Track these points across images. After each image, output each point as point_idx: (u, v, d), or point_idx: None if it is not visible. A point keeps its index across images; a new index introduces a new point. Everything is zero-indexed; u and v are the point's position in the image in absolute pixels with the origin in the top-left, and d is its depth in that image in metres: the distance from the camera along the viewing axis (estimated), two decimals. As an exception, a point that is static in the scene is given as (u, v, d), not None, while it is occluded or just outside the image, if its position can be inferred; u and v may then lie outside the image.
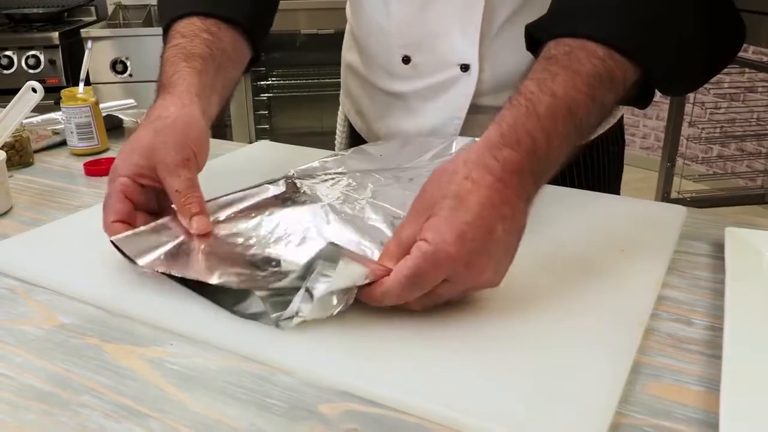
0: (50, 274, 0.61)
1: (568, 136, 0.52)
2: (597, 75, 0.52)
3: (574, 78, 0.52)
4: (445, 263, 0.48)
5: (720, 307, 0.52)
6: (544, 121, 0.51)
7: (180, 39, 0.71)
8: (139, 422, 0.43)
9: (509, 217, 0.50)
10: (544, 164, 0.52)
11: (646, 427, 0.42)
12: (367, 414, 0.43)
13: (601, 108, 0.53)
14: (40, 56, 2.62)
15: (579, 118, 0.52)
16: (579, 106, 0.51)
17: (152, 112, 0.64)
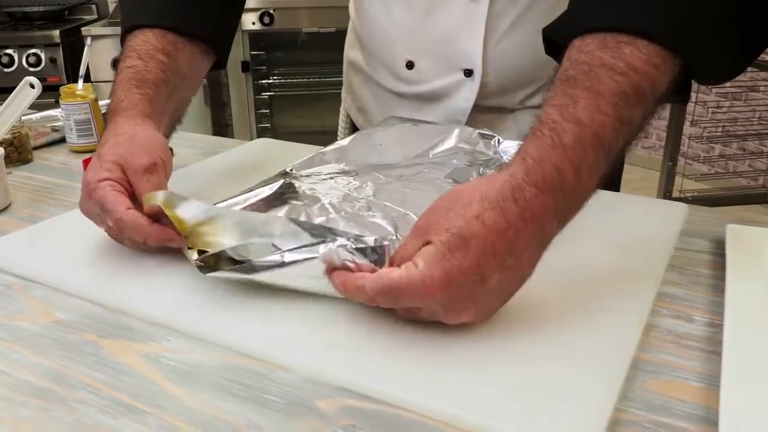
0: (47, 271, 0.60)
1: (598, 163, 0.48)
2: (621, 93, 0.47)
3: (597, 100, 0.47)
4: (424, 298, 0.46)
5: (720, 303, 0.52)
6: (570, 152, 0.47)
7: (135, 60, 0.69)
8: (135, 418, 0.43)
9: (510, 267, 0.47)
10: (571, 199, 0.48)
11: (645, 423, 0.42)
12: (365, 410, 0.43)
13: (630, 127, 0.48)
14: (40, 54, 2.63)
15: (607, 142, 0.47)
16: (606, 129, 0.47)
17: (107, 135, 0.64)
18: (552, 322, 0.51)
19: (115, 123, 0.65)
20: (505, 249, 0.46)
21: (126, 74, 0.68)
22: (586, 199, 0.50)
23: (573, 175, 0.47)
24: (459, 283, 0.45)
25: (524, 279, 0.49)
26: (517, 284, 0.49)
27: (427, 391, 0.44)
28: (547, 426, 0.40)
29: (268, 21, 2.75)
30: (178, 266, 0.60)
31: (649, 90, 0.48)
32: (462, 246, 0.45)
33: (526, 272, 0.48)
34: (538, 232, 0.47)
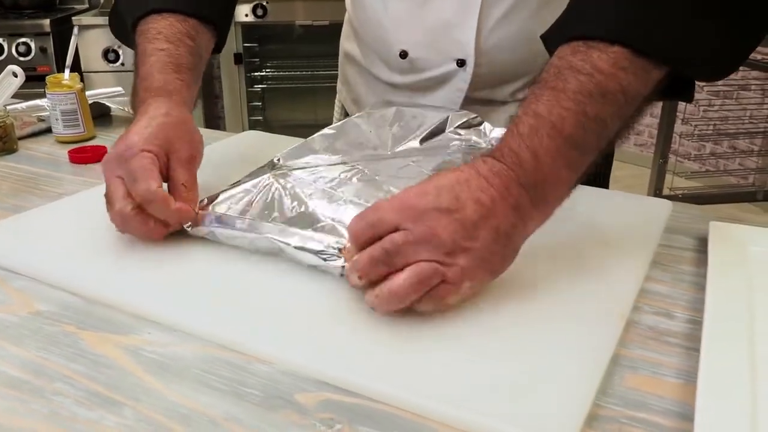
0: (29, 262, 0.60)
1: (559, 151, 0.51)
2: (585, 91, 0.51)
3: (558, 96, 0.51)
4: (401, 208, 0.49)
5: (702, 300, 0.52)
6: (526, 138, 0.51)
7: (165, 44, 0.70)
8: (112, 410, 0.43)
9: (484, 203, 0.49)
10: (533, 177, 0.51)
11: (622, 419, 0.42)
12: (343, 403, 0.43)
13: (599, 124, 0.51)
14: (30, 44, 2.61)
15: (568, 133, 0.51)
16: (566, 122, 0.50)
17: (154, 108, 0.64)
18: (533, 317, 0.51)
19: (160, 103, 0.65)
20: (477, 185, 0.50)
21: (160, 57, 0.69)
22: (556, 184, 0.52)
23: (530, 157, 0.50)
24: (433, 194, 0.49)
25: (500, 231, 0.50)
26: (492, 229, 0.49)
27: (405, 384, 0.44)
28: (525, 420, 0.40)
29: (262, 13, 2.73)
30: (160, 259, 0.60)
31: (617, 90, 0.51)
32: (426, 185, 0.50)
33: (499, 220, 0.50)
34: (506, 188, 0.50)
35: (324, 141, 0.75)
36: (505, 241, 0.50)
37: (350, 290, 0.54)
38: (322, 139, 0.75)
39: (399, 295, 0.48)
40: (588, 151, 0.52)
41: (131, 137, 0.61)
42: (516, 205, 0.50)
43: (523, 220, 0.51)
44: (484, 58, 0.83)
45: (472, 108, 0.87)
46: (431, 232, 0.48)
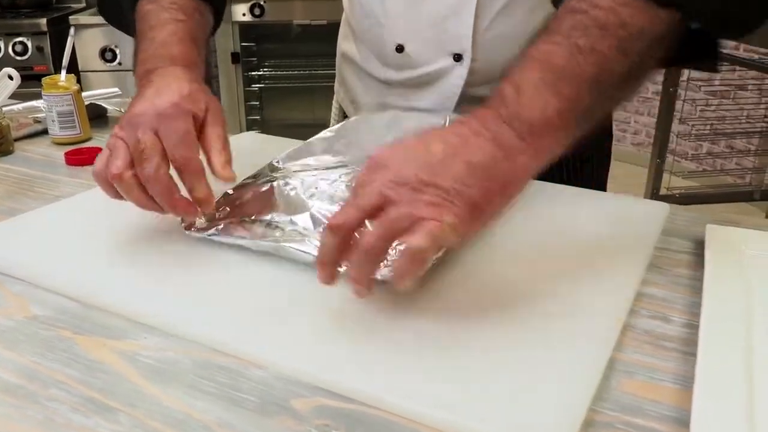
0: (25, 265, 0.60)
1: (545, 81, 0.50)
2: (580, 26, 0.50)
3: (550, 35, 0.51)
4: (374, 163, 0.49)
5: (699, 304, 0.52)
6: (512, 77, 0.51)
7: (182, 15, 0.70)
8: (108, 416, 0.42)
9: (451, 142, 0.49)
10: (515, 108, 0.50)
11: (618, 425, 0.42)
12: (339, 409, 0.43)
13: (597, 55, 0.50)
14: (27, 43, 2.60)
15: (556, 64, 0.50)
16: (553, 55, 0.50)
17: (182, 73, 0.63)
18: (530, 321, 0.51)
19: (184, 72, 0.64)
20: (450, 130, 0.50)
21: (179, 26, 0.68)
22: (551, 115, 0.50)
23: (512, 90, 0.50)
24: (403, 145, 0.50)
25: (475, 161, 0.48)
26: (465, 163, 0.48)
27: (402, 391, 0.43)
28: (522, 426, 0.40)
29: (259, 12, 2.73)
30: (156, 263, 0.60)
31: (617, 23, 0.50)
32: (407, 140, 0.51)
33: (472, 151, 0.49)
34: (483, 125, 0.50)
35: (323, 143, 0.75)
36: (482, 173, 0.48)
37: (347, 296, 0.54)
38: (321, 141, 0.75)
39: (371, 252, 0.47)
40: (587, 83, 0.50)
41: (172, 96, 0.59)
42: (494, 138, 0.49)
43: (507, 151, 0.49)
44: (481, 52, 0.83)
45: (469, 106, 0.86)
46: (393, 173, 0.48)
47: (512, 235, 0.65)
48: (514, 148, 0.49)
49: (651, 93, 3.39)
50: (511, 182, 0.50)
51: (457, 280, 0.57)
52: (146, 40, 0.68)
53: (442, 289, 0.55)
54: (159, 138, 0.57)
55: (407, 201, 0.47)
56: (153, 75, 0.64)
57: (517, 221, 0.67)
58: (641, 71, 0.52)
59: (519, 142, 0.49)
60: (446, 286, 0.56)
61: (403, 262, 0.46)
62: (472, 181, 0.48)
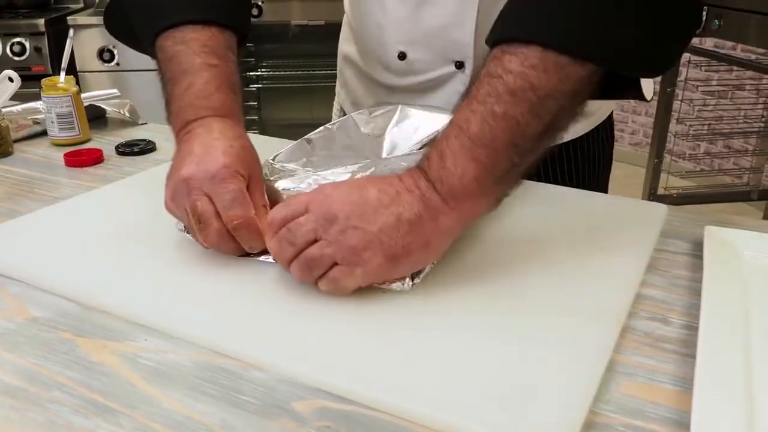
0: (24, 267, 0.60)
1: (463, 148, 0.53)
2: (494, 93, 0.53)
3: (469, 102, 0.54)
4: (313, 195, 0.54)
5: (698, 306, 0.52)
6: (437, 143, 0.55)
7: (215, 59, 0.67)
8: (108, 418, 0.42)
9: (388, 192, 0.53)
10: (439, 173, 0.53)
11: (618, 427, 0.42)
12: (340, 411, 0.43)
13: (508, 120, 0.52)
14: (25, 43, 2.59)
15: (472, 132, 0.53)
16: (470, 122, 0.53)
17: (226, 128, 0.63)
18: (529, 323, 0.51)
19: (227, 124, 0.64)
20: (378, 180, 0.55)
21: (214, 73, 0.66)
22: (469, 181, 0.53)
23: (437, 156, 0.54)
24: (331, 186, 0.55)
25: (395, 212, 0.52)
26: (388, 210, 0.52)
27: (402, 392, 0.44)
28: (522, 427, 0.40)
29: (257, 13, 2.73)
30: (157, 266, 0.60)
31: (527, 87, 0.52)
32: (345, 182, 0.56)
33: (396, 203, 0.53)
34: (413, 183, 0.54)
35: (321, 141, 0.75)
36: (408, 228, 0.52)
37: (348, 298, 0.54)
38: (319, 139, 0.75)
39: (298, 277, 0.54)
40: (502, 149, 0.53)
41: (220, 157, 0.59)
42: (422, 197, 0.53)
43: (431, 212, 0.53)
44: (483, 60, 0.83)
45: None
46: (328, 209, 0.52)
47: (511, 237, 0.65)
48: (438, 209, 0.53)
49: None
50: (431, 240, 0.54)
51: (456, 281, 0.57)
52: (179, 87, 0.66)
53: (442, 291, 0.55)
54: (212, 201, 0.58)
55: (333, 240, 0.52)
56: (194, 127, 0.63)
57: (516, 223, 0.67)
58: (557, 126, 0.54)
59: (443, 205, 0.53)
60: (446, 288, 0.56)
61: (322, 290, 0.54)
62: (396, 234, 0.52)
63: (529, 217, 0.69)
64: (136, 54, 0.80)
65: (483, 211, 0.56)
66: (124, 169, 0.88)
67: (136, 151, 0.94)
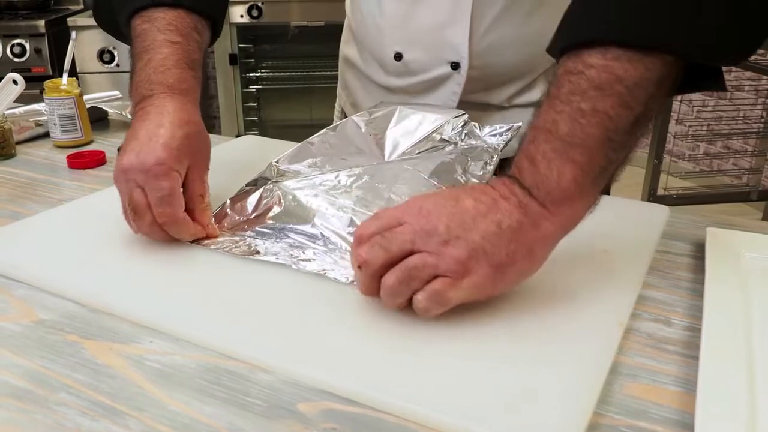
0: (30, 269, 0.60)
1: (556, 151, 0.51)
2: (577, 90, 0.51)
3: (552, 102, 0.52)
4: (407, 206, 0.52)
5: (700, 307, 0.53)
6: (524, 149, 0.53)
7: (178, 36, 0.69)
8: (116, 420, 0.43)
9: (485, 201, 0.51)
10: (533, 179, 0.52)
11: (623, 428, 0.42)
12: (346, 413, 0.43)
13: (598, 115, 0.50)
14: (25, 45, 2.60)
15: (563, 133, 0.51)
16: (558, 124, 0.51)
17: (175, 110, 0.64)
18: (532, 326, 0.51)
19: (178, 103, 0.65)
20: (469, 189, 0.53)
21: (174, 50, 0.68)
22: (566, 183, 0.51)
23: (527, 162, 0.52)
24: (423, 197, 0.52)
25: (491, 218, 0.50)
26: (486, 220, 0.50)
27: (407, 394, 0.44)
28: (527, 430, 0.41)
29: (257, 14, 2.73)
30: (162, 267, 0.60)
31: (613, 80, 0.50)
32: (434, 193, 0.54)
33: (490, 211, 0.51)
34: (498, 191, 0.52)
35: (322, 145, 0.75)
36: (510, 235, 0.50)
37: (353, 300, 0.54)
38: (321, 143, 0.75)
39: (391, 288, 0.50)
40: (596, 146, 0.51)
41: (159, 151, 0.61)
42: (520, 204, 0.51)
43: (532, 218, 0.51)
44: (478, 60, 0.84)
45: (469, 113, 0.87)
46: (427, 221, 0.50)
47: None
48: (538, 215, 0.51)
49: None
50: (535, 248, 0.52)
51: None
52: (141, 62, 0.68)
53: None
54: (146, 194, 0.61)
55: (434, 251, 0.49)
56: (147, 105, 0.65)
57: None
58: (648, 115, 0.52)
59: (542, 210, 0.51)
60: (450, 289, 0.56)
61: (416, 309, 0.51)
62: (499, 242, 0.50)
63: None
64: None
65: (583, 215, 0.54)
66: (126, 171, 0.88)
67: (139, 153, 0.94)
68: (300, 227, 0.64)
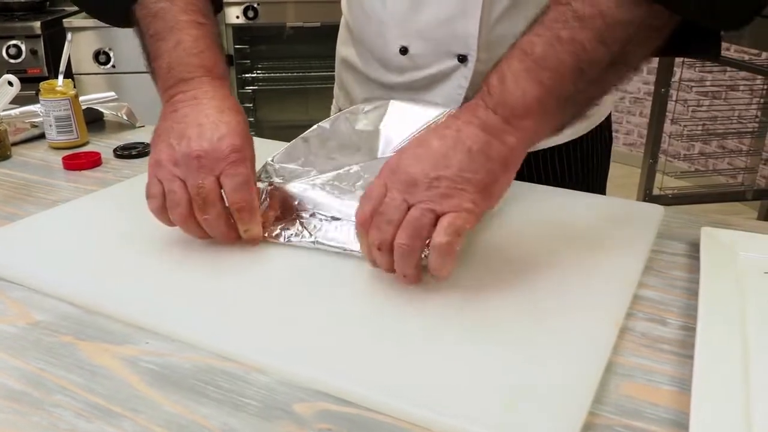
0: (25, 271, 0.60)
1: (528, 70, 0.53)
2: (560, 18, 0.53)
3: (534, 27, 0.55)
4: (382, 171, 0.55)
5: (695, 307, 0.53)
6: (498, 68, 0.55)
7: (201, 17, 0.68)
8: (111, 422, 0.43)
9: (448, 135, 0.54)
10: (499, 96, 0.54)
11: (618, 428, 0.42)
12: (341, 414, 0.44)
13: (574, 43, 0.53)
14: (21, 46, 2.59)
15: (537, 55, 0.53)
16: (535, 45, 0.53)
17: (224, 97, 0.64)
18: (527, 325, 0.51)
19: (224, 90, 0.65)
20: (443, 126, 0.56)
21: (203, 32, 0.67)
22: (531, 101, 0.53)
23: (497, 80, 0.55)
24: (404, 149, 0.56)
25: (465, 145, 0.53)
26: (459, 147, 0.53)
27: (402, 394, 0.44)
28: (522, 429, 0.41)
29: (252, 15, 2.73)
30: (158, 268, 0.60)
31: (595, 14, 0.52)
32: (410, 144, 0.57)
33: (462, 138, 0.54)
34: (473, 114, 0.55)
35: (316, 140, 0.75)
36: (482, 159, 0.53)
37: (348, 300, 0.54)
38: (315, 137, 0.75)
39: (406, 247, 0.53)
40: (566, 72, 0.53)
41: (233, 137, 0.60)
42: (483, 125, 0.54)
43: (496, 134, 0.54)
44: (486, 53, 0.82)
45: None
46: (405, 176, 0.53)
47: (507, 239, 0.65)
48: (501, 130, 0.54)
49: (643, 93, 3.41)
50: (507, 160, 0.54)
51: (455, 284, 0.57)
52: (166, 43, 0.65)
53: (442, 294, 0.56)
54: (219, 182, 0.60)
55: (425, 198, 0.53)
56: (190, 89, 0.64)
57: (512, 225, 0.68)
58: (625, 60, 0.54)
59: (504, 125, 0.54)
60: (445, 290, 0.56)
61: (435, 258, 0.53)
62: (475, 166, 0.53)
63: (525, 218, 0.69)
64: (131, 56, 0.81)
65: (545, 134, 0.56)
66: (122, 172, 0.88)
67: (134, 154, 0.94)
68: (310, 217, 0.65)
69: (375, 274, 0.58)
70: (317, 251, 0.62)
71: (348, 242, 0.61)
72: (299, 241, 0.63)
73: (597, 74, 0.54)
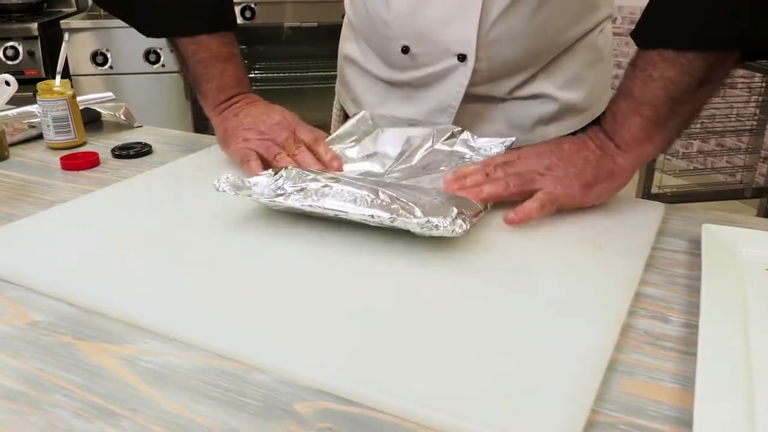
0: (23, 271, 0.60)
1: (629, 107, 0.69)
2: (650, 61, 0.67)
3: (633, 70, 0.68)
4: (512, 156, 0.73)
5: (697, 304, 0.53)
6: (610, 106, 0.72)
7: (234, 48, 0.89)
8: (110, 422, 0.42)
9: (577, 144, 0.72)
10: (611, 126, 0.70)
11: (620, 425, 0.42)
12: (342, 413, 0.43)
13: (662, 80, 0.65)
14: (18, 47, 2.58)
15: (635, 95, 0.68)
16: (633, 88, 0.68)
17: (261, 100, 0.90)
18: (529, 324, 0.51)
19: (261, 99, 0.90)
20: (572, 142, 0.73)
21: (239, 61, 0.90)
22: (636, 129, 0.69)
23: (611, 117, 0.71)
24: (540, 148, 0.73)
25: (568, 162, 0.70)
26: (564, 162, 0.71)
27: (403, 393, 0.44)
28: (524, 427, 0.41)
29: (250, 15, 2.73)
30: (156, 267, 0.60)
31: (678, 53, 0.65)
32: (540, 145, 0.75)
33: (590, 153, 0.71)
34: (594, 137, 0.72)
35: None
36: (594, 165, 0.69)
37: (349, 299, 0.54)
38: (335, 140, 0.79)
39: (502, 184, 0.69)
40: (660, 104, 0.67)
41: (283, 114, 0.86)
42: (602, 145, 0.71)
43: (610, 155, 0.70)
44: (485, 52, 0.84)
45: (471, 106, 0.89)
46: (538, 156, 0.71)
47: (507, 238, 0.65)
48: (615, 153, 0.70)
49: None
50: (614, 173, 0.70)
51: (455, 283, 0.57)
52: (215, 69, 0.87)
53: (442, 292, 0.55)
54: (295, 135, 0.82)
55: (542, 171, 0.70)
56: (245, 98, 0.89)
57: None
58: (710, 80, 0.65)
59: (617, 150, 0.70)
60: (445, 289, 0.56)
61: (527, 204, 0.68)
62: (586, 168, 0.69)
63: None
64: (129, 57, 0.83)
65: (655, 151, 0.71)
66: (120, 172, 0.88)
67: (132, 154, 0.94)
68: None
69: (376, 275, 0.58)
70: (317, 250, 0.62)
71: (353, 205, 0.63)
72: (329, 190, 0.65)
73: (687, 98, 0.66)
